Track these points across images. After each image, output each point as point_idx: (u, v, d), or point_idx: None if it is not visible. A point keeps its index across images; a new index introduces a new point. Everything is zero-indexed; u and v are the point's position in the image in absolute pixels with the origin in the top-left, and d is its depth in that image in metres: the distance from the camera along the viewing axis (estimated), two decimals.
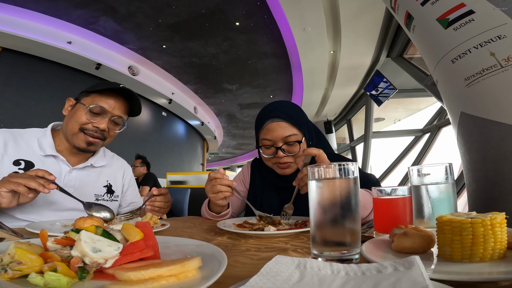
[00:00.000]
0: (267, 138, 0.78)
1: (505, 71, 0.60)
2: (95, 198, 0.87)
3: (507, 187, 0.60)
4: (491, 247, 0.30)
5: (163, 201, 0.82)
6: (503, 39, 0.61)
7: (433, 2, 0.72)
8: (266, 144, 0.79)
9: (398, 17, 0.90)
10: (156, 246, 0.32)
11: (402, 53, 3.63)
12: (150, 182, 3.02)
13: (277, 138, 0.76)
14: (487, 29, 0.62)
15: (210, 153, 10.45)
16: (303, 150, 0.66)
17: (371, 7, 3.05)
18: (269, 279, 0.23)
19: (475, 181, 0.68)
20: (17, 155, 0.78)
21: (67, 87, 3.83)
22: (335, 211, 0.35)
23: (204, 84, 5.52)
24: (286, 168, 0.79)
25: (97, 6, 3.24)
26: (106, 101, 0.81)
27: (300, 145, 0.76)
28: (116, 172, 0.96)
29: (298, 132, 0.77)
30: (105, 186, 0.91)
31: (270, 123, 0.78)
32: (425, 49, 0.83)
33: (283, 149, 0.76)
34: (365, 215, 0.64)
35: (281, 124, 0.77)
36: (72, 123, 0.79)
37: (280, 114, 0.77)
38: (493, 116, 0.62)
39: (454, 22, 0.68)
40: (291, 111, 0.79)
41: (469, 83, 0.67)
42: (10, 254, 0.27)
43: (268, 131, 0.78)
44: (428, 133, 3.48)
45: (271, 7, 3.30)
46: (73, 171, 0.83)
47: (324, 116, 6.71)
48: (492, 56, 0.62)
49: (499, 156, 0.61)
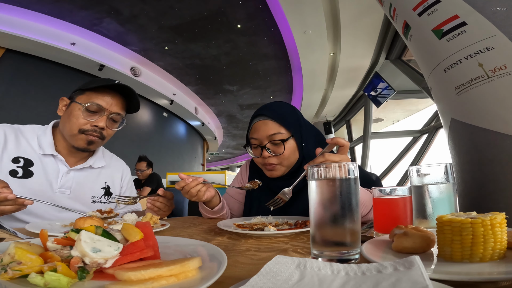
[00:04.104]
0: (253, 137, 0.77)
1: (491, 81, 0.64)
2: (92, 200, 0.85)
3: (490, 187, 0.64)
4: (491, 247, 0.30)
5: (164, 203, 0.80)
6: (491, 50, 0.64)
7: (429, 13, 0.75)
8: (253, 144, 0.77)
9: (397, 26, 0.93)
10: (156, 246, 0.32)
11: (401, 55, 3.66)
12: (153, 184, 3.01)
13: (262, 137, 0.75)
14: (477, 40, 0.65)
15: (210, 153, 10.46)
16: (331, 139, 0.62)
17: (371, 10, 3.08)
18: (269, 279, 0.23)
19: (464, 181, 0.72)
20: (17, 152, 0.76)
21: (70, 88, 3.81)
22: (335, 211, 0.35)
23: (205, 85, 5.54)
24: (272, 170, 0.76)
25: (100, 8, 3.27)
26: (103, 98, 0.78)
27: (284, 144, 0.73)
28: (115, 173, 0.95)
29: (285, 131, 0.75)
30: (103, 188, 0.89)
31: (256, 121, 0.77)
32: (420, 57, 0.86)
33: (267, 148, 0.74)
34: (365, 212, 0.64)
35: (267, 122, 0.75)
36: (70, 125, 0.77)
37: (266, 113, 0.76)
38: (480, 123, 0.66)
39: (447, 33, 0.71)
40: (279, 109, 0.77)
41: (459, 91, 0.71)
42: (10, 254, 0.27)
43: (255, 130, 0.77)
44: (426, 134, 3.49)
45: (273, 10, 3.33)
46: (71, 172, 0.81)
47: (324, 117, 6.73)
48: (480, 67, 0.65)
49: (485, 159, 0.66)
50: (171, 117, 6.41)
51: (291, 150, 0.75)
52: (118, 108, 0.82)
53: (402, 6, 0.85)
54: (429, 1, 0.75)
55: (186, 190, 0.71)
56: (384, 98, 4.09)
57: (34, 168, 0.77)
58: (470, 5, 0.66)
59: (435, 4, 0.74)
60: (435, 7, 0.74)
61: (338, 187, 0.36)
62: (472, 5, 0.66)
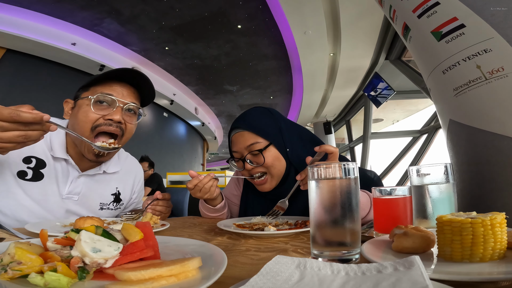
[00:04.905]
0: (234, 150, 0.75)
1: (489, 83, 0.65)
2: (100, 207, 0.79)
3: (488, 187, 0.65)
4: (491, 247, 0.30)
5: (164, 205, 0.79)
6: (489, 52, 0.65)
7: (428, 15, 0.76)
8: (235, 157, 0.76)
9: (397, 27, 0.94)
10: (156, 246, 0.32)
11: (400, 55, 3.67)
12: (154, 184, 3.00)
13: (240, 149, 0.73)
14: (475, 42, 0.66)
15: (210, 153, 10.46)
16: (319, 146, 0.61)
17: (371, 11, 3.09)
18: (269, 279, 0.23)
19: (462, 181, 0.73)
20: (30, 151, 0.67)
21: (71, 88, 3.82)
22: (335, 211, 0.35)
23: (205, 85, 5.55)
24: (262, 184, 0.74)
25: (101, 8, 3.27)
26: (111, 89, 0.67)
27: (263, 154, 0.71)
28: (128, 178, 0.87)
29: (262, 140, 0.72)
30: (113, 194, 0.82)
31: (233, 134, 0.76)
32: (420, 59, 0.87)
33: (249, 159, 0.72)
34: (362, 216, 0.64)
35: (243, 134, 0.73)
36: (81, 125, 0.66)
37: (240, 125, 0.74)
38: (477, 124, 0.67)
39: (446, 35, 0.72)
40: (254, 119, 0.75)
41: (457, 93, 0.71)
42: (10, 254, 0.27)
43: (233, 143, 0.76)
44: (426, 134, 3.49)
45: (273, 10, 3.34)
46: (81, 177, 0.74)
47: (324, 117, 6.74)
48: (478, 69, 0.66)
49: (482, 160, 0.67)
50: (171, 117, 6.41)
51: (273, 158, 0.72)
52: (132, 98, 0.70)
53: (402, 8, 0.86)
54: (429, 3, 0.75)
55: (200, 187, 0.70)
56: (384, 98, 4.10)
57: (46, 170, 0.69)
58: (469, 7, 0.67)
59: (434, 6, 0.74)
60: (434, 9, 0.74)
61: (338, 187, 0.36)
62: (470, 7, 0.67)
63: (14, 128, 0.46)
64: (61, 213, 0.72)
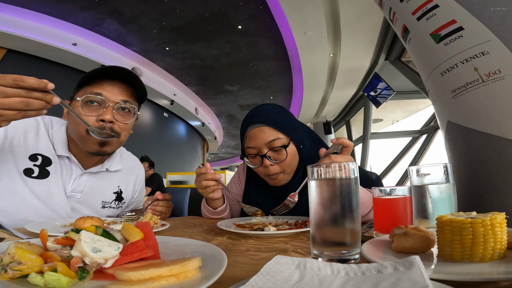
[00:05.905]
0: (250, 146, 0.71)
1: (485, 86, 0.66)
2: (102, 206, 0.80)
3: (485, 187, 0.67)
4: (491, 247, 0.30)
5: (165, 206, 0.78)
6: (486, 55, 0.65)
7: (428, 18, 0.77)
8: (251, 153, 0.72)
9: (396, 29, 0.95)
10: (156, 246, 0.32)
11: (400, 56, 3.68)
12: (154, 184, 3.00)
13: (260, 145, 0.70)
14: (473, 45, 0.67)
15: (210, 153, 10.46)
16: (336, 139, 0.59)
17: (371, 12, 3.09)
18: (269, 279, 0.23)
19: (459, 181, 0.74)
20: (36, 148, 0.67)
21: (71, 88, 3.83)
22: (335, 211, 0.35)
23: (205, 85, 5.56)
24: (276, 179, 0.72)
25: (102, 9, 3.28)
26: (101, 87, 0.67)
27: (286, 150, 0.69)
28: (130, 176, 0.87)
29: (283, 136, 0.70)
30: (115, 193, 0.82)
31: (251, 129, 0.72)
32: (419, 61, 0.88)
33: (268, 156, 0.69)
34: (365, 212, 0.63)
35: (263, 129, 0.70)
36: (77, 127, 0.67)
37: (261, 119, 0.71)
38: (475, 125, 0.68)
39: (445, 38, 0.73)
40: (273, 114, 0.73)
41: (455, 95, 0.72)
42: (10, 254, 0.27)
43: (251, 139, 0.71)
44: (425, 134, 3.49)
45: (273, 11, 3.34)
46: (84, 175, 0.74)
47: (324, 117, 6.75)
48: (475, 71, 0.67)
49: (479, 160, 0.68)
50: (171, 117, 6.42)
51: (293, 155, 0.72)
52: (125, 95, 0.69)
53: (401, 10, 0.87)
54: (428, 6, 0.76)
55: (200, 179, 0.71)
56: (384, 99, 4.10)
57: (52, 168, 0.69)
58: (468, 10, 0.68)
59: (433, 9, 0.75)
60: (433, 11, 0.75)
61: (338, 187, 0.36)
62: (469, 10, 0.68)
63: (16, 94, 0.44)
64: (65, 211, 0.72)
